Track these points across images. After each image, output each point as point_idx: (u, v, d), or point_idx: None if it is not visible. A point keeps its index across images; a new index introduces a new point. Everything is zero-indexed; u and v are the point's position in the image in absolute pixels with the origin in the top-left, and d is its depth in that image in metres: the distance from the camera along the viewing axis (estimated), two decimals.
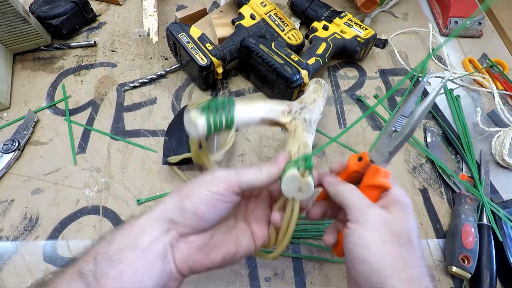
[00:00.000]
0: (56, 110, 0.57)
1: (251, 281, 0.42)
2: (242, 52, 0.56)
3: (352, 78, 0.63)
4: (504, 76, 0.62)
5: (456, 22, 0.69)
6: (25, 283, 0.41)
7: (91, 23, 0.69)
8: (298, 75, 0.51)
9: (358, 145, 0.54)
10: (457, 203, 0.47)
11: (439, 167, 0.51)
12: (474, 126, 0.56)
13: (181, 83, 0.61)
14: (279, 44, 0.55)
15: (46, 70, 0.62)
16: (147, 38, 0.66)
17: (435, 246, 0.45)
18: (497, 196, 0.49)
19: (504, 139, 0.52)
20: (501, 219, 0.45)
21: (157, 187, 0.49)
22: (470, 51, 0.68)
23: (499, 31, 0.72)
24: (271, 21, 0.61)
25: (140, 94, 0.59)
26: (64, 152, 0.52)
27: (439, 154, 0.53)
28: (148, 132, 0.54)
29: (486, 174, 0.50)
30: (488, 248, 0.43)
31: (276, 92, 0.55)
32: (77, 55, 0.64)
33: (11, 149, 0.51)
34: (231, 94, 0.60)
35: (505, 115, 0.56)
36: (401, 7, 0.76)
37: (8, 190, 0.48)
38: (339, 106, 0.59)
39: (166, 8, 0.73)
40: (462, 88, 0.62)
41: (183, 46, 0.53)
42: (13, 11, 0.54)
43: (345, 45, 0.60)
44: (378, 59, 0.66)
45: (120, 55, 0.64)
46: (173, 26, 0.55)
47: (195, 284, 0.41)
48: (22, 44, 0.60)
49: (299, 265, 0.43)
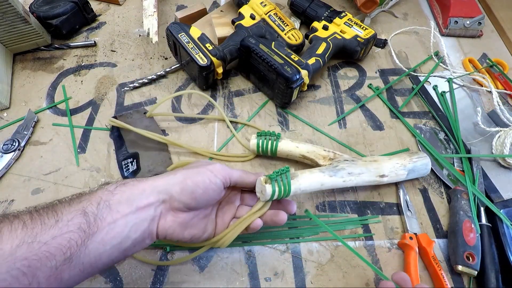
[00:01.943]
0: (56, 110, 0.57)
1: (251, 281, 0.42)
2: (242, 52, 0.56)
3: (352, 78, 0.63)
4: (504, 76, 0.62)
5: (456, 22, 0.69)
6: None
7: (91, 23, 0.69)
8: (298, 75, 0.51)
9: (358, 145, 0.54)
10: (453, 199, 0.47)
11: (432, 157, 0.52)
12: (475, 126, 0.56)
13: (181, 83, 0.61)
14: (279, 44, 0.55)
15: (46, 70, 0.62)
16: (147, 38, 0.66)
17: (435, 246, 0.45)
18: (498, 195, 0.49)
19: (505, 139, 0.52)
20: (501, 219, 0.45)
21: None
22: (470, 51, 0.68)
23: (499, 31, 0.72)
24: (271, 21, 0.61)
25: (140, 94, 0.59)
26: (64, 152, 0.52)
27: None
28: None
29: (477, 169, 0.50)
30: (489, 248, 0.43)
31: (276, 92, 0.55)
32: (77, 55, 0.64)
33: (11, 149, 0.51)
34: (231, 94, 0.60)
35: (504, 115, 0.56)
36: (401, 7, 0.76)
37: (8, 190, 0.48)
38: (339, 106, 0.59)
39: (166, 8, 0.73)
40: (462, 88, 0.62)
41: (183, 46, 0.53)
42: (13, 11, 0.54)
43: (345, 45, 0.60)
44: (378, 59, 0.66)
45: (120, 55, 0.64)
46: (173, 26, 0.55)
47: (195, 284, 0.41)
48: (22, 44, 0.60)
49: (299, 265, 0.43)
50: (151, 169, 0.48)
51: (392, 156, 0.49)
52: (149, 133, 0.49)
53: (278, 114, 0.57)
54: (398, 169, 0.47)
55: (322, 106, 0.59)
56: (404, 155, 0.49)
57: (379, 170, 0.46)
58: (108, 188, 0.32)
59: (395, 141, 0.55)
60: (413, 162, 0.47)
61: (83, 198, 0.30)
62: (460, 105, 0.59)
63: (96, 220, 0.29)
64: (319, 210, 0.48)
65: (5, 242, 0.25)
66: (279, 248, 0.44)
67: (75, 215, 0.28)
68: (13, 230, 0.26)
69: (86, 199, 0.30)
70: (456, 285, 0.42)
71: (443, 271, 0.41)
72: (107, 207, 0.30)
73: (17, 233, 0.26)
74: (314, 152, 0.47)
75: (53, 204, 0.29)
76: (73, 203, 0.29)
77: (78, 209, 0.29)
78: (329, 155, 0.47)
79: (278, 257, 0.44)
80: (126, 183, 0.33)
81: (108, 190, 0.31)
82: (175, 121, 0.56)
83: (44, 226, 0.27)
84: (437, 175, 0.51)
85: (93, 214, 0.29)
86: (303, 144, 0.48)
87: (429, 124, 0.57)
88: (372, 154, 0.53)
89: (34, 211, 0.28)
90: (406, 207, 0.47)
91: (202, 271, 0.42)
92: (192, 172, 0.35)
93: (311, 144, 0.48)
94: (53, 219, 0.27)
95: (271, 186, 0.37)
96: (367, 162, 0.46)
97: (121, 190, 0.32)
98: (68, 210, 0.29)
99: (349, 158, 0.46)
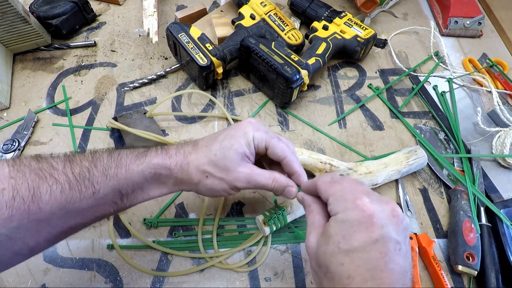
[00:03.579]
0: (56, 110, 0.57)
1: (251, 281, 0.42)
2: (242, 52, 0.56)
3: (352, 78, 0.63)
4: (504, 76, 0.62)
5: (456, 22, 0.69)
6: (25, 283, 0.41)
7: (91, 23, 0.69)
8: (298, 75, 0.51)
9: (358, 145, 0.54)
10: (453, 199, 0.47)
11: (432, 157, 0.52)
12: (475, 126, 0.56)
13: (181, 83, 0.61)
14: (279, 44, 0.55)
15: (46, 70, 0.62)
16: (147, 38, 0.66)
17: (435, 246, 0.45)
18: (498, 195, 0.49)
19: (505, 139, 0.52)
20: (501, 219, 0.45)
21: None
22: (470, 51, 0.68)
23: (499, 31, 0.72)
24: (271, 21, 0.61)
25: (140, 94, 0.59)
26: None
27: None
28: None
29: (477, 169, 0.50)
30: (489, 248, 0.43)
31: (276, 92, 0.55)
32: (77, 55, 0.64)
33: (11, 149, 0.51)
34: (231, 94, 0.60)
35: (504, 115, 0.56)
36: (401, 7, 0.76)
37: None
38: (339, 106, 0.59)
39: (166, 8, 0.73)
40: (462, 88, 0.62)
41: (183, 46, 0.53)
42: (13, 11, 0.54)
43: (345, 45, 0.60)
44: (378, 59, 0.66)
45: (120, 55, 0.64)
46: (173, 26, 0.55)
47: (195, 284, 0.41)
48: (22, 44, 0.60)
49: (299, 265, 0.43)
50: None
51: (389, 160, 0.48)
52: (147, 133, 0.49)
53: (278, 114, 0.57)
54: (392, 176, 0.48)
55: (322, 106, 0.59)
56: (401, 156, 0.49)
57: (373, 180, 0.47)
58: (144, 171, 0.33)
59: (395, 141, 0.55)
60: (409, 165, 0.48)
61: (115, 174, 0.31)
62: (460, 105, 0.59)
63: (129, 197, 0.32)
64: None
65: (44, 204, 0.27)
66: (279, 248, 0.44)
67: (111, 191, 0.31)
68: (52, 193, 0.27)
69: (118, 179, 0.31)
70: (456, 285, 0.42)
71: (443, 271, 0.41)
72: (140, 190, 0.33)
73: (56, 197, 0.27)
74: (311, 165, 0.47)
75: (89, 169, 0.30)
76: (109, 176, 0.31)
77: (114, 187, 0.31)
78: (326, 167, 0.47)
79: (278, 257, 0.44)
80: (170, 148, 0.35)
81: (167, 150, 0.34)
82: (175, 121, 0.56)
83: (82, 195, 0.29)
84: (437, 175, 0.51)
85: (126, 195, 0.32)
86: (300, 156, 0.47)
87: (429, 124, 0.57)
88: (372, 154, 0.53)
89: (71, 175, 0.29)
90: (406, 207, 0.47)
91: (202, 271, 0.42)
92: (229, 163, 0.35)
93: (308, 154, 0.48)
94: (90, 190, 0.29)
95: (269, 228, 0.42)
96: (362, 175, 0.47)
97: (173, 151, 0.35)
98: (106, 184, 0.30)
99: (344, 172, 0.47)
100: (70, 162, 0.29)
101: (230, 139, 0.34)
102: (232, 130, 0.36)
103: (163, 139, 0.50)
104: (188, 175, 0.34)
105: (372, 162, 0.48)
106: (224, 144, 0.34)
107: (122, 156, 0.32)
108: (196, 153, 0.34)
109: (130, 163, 0.32)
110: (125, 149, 0.33)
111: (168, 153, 0.34)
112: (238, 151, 0.34)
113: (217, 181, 0.34)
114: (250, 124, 0.36)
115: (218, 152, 0.34)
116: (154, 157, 0.33)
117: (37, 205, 0.26)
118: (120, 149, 0.33)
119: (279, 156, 0.36)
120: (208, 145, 0.35)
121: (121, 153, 0.32)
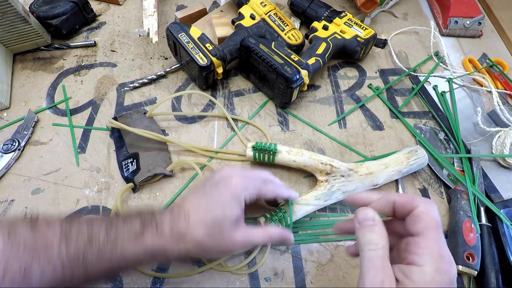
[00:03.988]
0: (56, 110, 0.57)
1: (251, 281, 0.42)
2: (242, 52, 0.56)
3: (352, 78, 0.63)
4: (504, 76, 0.62)
5: (456, 22, 0.69)
6: None
7: (91, 23, 0.69)
8: (298, 75, 0.51)
9: (358, 145, 0.54)
10: (453, 199, 0.47)
11: (432, 157, 0.52)
12: (475, 126, 0.56)
13: (181, 83, 0.61)
14: (279, 44, 0.55)
15: (46, 70, 0.62)
16: (147, 38, 0.66)
17: None
18: (498, 195, 0.49)
19: (505, 139, 0.52)
20: (501, 219, 0.45)
21: (156, 186, 0.49)
22: (470, 51, 0.68)
23: (499, 31, 0.72)
24: (271, 21, 0.61)
25: (140, 94, 0.59)
26: (64, 152, 0.52)
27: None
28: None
29: (477, 169, 0.50)
30: (489, 248, 0.43)
31: (276, 92, 0.55)
32: (77, 55, 0.64)
33: (11, 149, 0.51)
34: (231, 94, 0.60)
35: (504, 115, 0.56)
36: (401, 7, 0.76)
37: (8, 190, 0.48)
38: (339, 106, 0.59)
39: (166, 8, 0.73)
40: (462, 88, 0.62)
41: (183, 46, 0.53)
42: (13, 11, 0.54)
43: (345, 45, 0.60)
44: (378, 59, 0.66)
45: (120, 55, 0.64)
46: (173, 26, 0.55)
47: (195, 284, 0.41)
48: (22, 44, 0.60)
49: (299, 265, 0.43)
50: (151, 169, 0.48)
51: (389, 160, 0.48)
52: (147, 132, 0.49)
53: (278, 114, 0.57)
54: (392, 176, 0.48)
55: (322, 106, 0.59)
56: (402, 156, 0.48)
57: (373, 181, 0.47)
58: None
59: (395, 141, 0.55)
60: (409, 166, 0.48)
61: (110, 257, 0.31)
62: (460, 105, 0.59)
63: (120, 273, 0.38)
64: (318, 211, 0.48)
65: (35, 283, 0.28)
66: (279, 248, 0.44)
67: (104, 273, 0.32)
68: (43, 274, 0.28)
69: (112, 262, 0.31)
70: (456, 285, 0.42)
71: None
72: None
73: (47, 278, 0.28)
74: (311, 166, 0.47)
75: (84, 252, 0.30)
76: (103, 259, 0.31)
77: (107, 269, 0.32)
78: (326, 168, 0.47)
79: (278, 257, 0.44)
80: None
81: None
82: (175, 121, 0.56)
83: (74, 277, 0.30)
84: (437, 175, 0.51)
85: (118, 272, 0.38)
86: (300, 157, 0.48)
87: (429, 124, 0.57)
88: (372, 154, 0.53)
89: (65, 256, 0.29)
90: None
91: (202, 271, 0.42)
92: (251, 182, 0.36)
93: (308, 155, 0.48)
94: (82, 273, 0.30)
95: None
96: (362, 176, 0.47)
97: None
98: (99, 269, 0.31)
99: (345, 173, 0.47)
100: (66, 239, 0.30)
101: (221, 206, 0.34)
102: (221, 192, 0.35)
103: (163, 138, 0.50)
104: (186, 251, 0.33)
105: (373, 163, 0.48)
106: (217, 214, 0.33)
107: (118, 235, 0.31)
108: (193, 230, 0.33)
109: (125, 243, 0.31)
110: (122, 223, 0.32)
111: (163, 233, 0.33)
112: (232, 219, 0.34)
113: (215, 253, 0.37)
114: (239, 182, 0.35)
115: (212, 226, 0.33)
116: (150, 239, 0.32)
117: (28, 283, 0.27)
118: (117, 222, 0.32)
119: (271, 197, 0.39)
120: (201, 217, 0.33)
121: (118, 230, 0.32)
